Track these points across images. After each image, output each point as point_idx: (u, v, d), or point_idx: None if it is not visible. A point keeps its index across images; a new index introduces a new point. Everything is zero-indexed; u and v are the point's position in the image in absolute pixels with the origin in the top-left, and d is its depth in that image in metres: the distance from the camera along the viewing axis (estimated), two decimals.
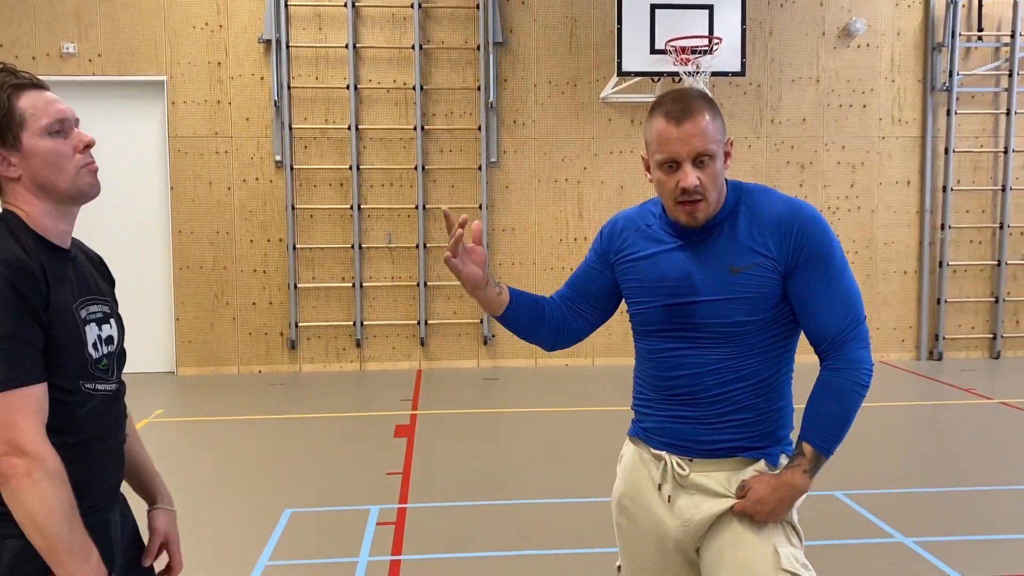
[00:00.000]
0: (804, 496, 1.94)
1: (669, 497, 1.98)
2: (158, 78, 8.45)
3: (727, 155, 1.93)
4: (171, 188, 8.53)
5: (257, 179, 8.61)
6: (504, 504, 4.75)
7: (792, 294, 1.92)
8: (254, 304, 8.68)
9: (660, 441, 2.02)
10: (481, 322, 8.83)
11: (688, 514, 1.96)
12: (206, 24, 8.47)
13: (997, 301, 9.16)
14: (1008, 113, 8.97)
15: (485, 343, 8.85)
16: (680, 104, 1.86)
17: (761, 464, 1.95)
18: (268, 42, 8.47)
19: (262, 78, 8.55)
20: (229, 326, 8.67)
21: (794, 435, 2.03)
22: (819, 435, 1.89)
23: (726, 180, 1.98)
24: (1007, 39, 8.96)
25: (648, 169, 1.97)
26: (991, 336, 9.22)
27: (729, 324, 1.91)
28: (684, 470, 1.97)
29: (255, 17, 8.50)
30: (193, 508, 4.69)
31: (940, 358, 9.13)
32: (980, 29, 8.97)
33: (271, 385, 8.14)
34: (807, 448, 1.89)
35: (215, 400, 7.61)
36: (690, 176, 1.85)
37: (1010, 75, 8.93)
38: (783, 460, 1.98)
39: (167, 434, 6.49)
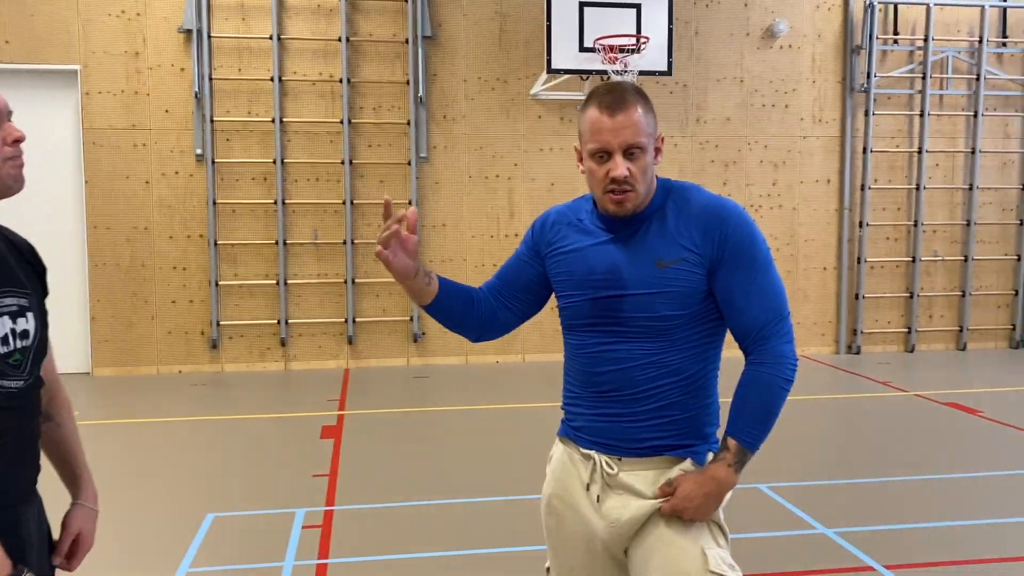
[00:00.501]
0: (731, 491, 1.94)
1: (598, 497, 1.97)
2: (71, 67, 8.11)
3: (658, 151, 1.96)
4: (86, 182, 8.20)
5: (177, 173, 8.35)
6: (434, 504, 4.70)
7: (717, 289, 1.93)
8: (174, 302, 8.41)
9: (589, 440, 2.01)
10: (411, 320, 8.74)
11: (615, 514, 1.95)
12: (122, 12, 8.16)
13: (912, 296, 9.49)
14: (922, 115, 9.29)
15: (415, 341, 8.77)
16: (614, 95, 1.88)
17: (687, 463, 1.96)
18: (188, 32, 8.20)
19: (182, 69, 8.28)
20: (148, 325, 8.39)
21: (721, 432, 2.04)
22: (744, 430, 1.90)
23: (656, 177, 1.98)
24: (921, 43, 9.27)
25: (580, 160, 1.98)
26: (906, 330, 9.55)
27: (656, 318, 1.91)
28: (613, 469, 1.96)
29: (175, 6, 8.23)
30: (111, 514, 4.50)
31: (858, 352, 9.42)
32: (896, 33, 9.27)
33: (192, 386, 7.90)
34: (732, 443, 1.90)
35: (133, 401, 7.36)
36: (620, 166, 1.87)
37: (923, 78, 9.25)
38: (710, 458, 1.98)
39: (83, 437, 6.22)
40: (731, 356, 2.03)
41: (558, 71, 8.09)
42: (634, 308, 1.92)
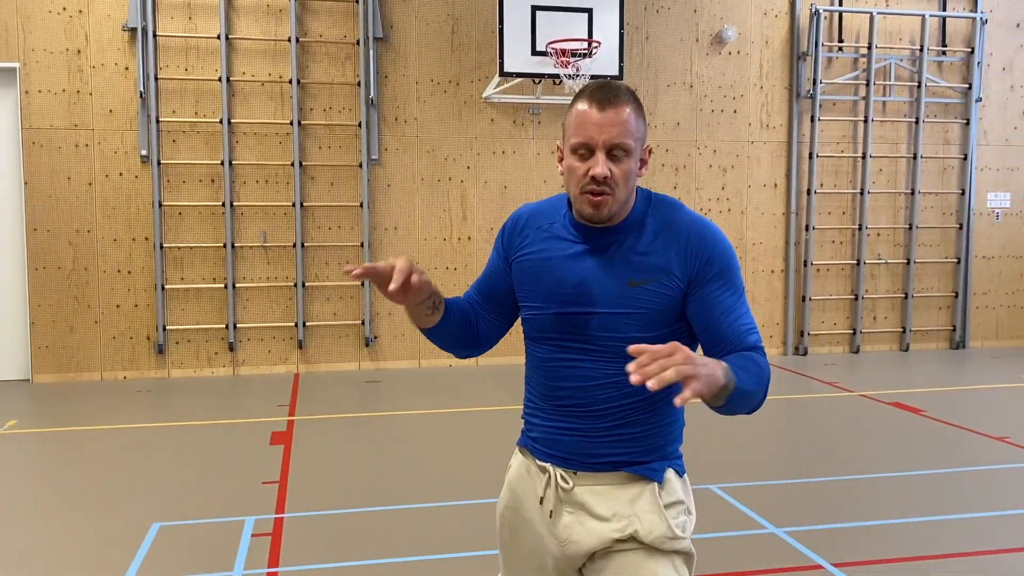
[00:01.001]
0: (667, 497, 1.88)
1: (551, 513, 1.91)
2: (9, 65, 7.88)
3: (643, 162, 1.85)
4: (25, 183, 7.97)
5: (121, 174, 8.15)
6: (387, 510, 4.65)
7: (694, 310, 1.83)
8: (118, 306, 8.21)
9: (545, 452, 1.94)
10: (363, 323, 8.65)
11: (567, 534, 1.88)
12: (64, 9, 7.96)
13: (857, 298, 9.69)
14: (866, 121, 9.50)
15: (367, 345, 8.68)
16: (606, 90, 1.79)
17: (644, 483, 1.88)
18: (133, 30, 8.03)
19: (126, 68, 8.10)
20: (91, 330, 8.17)
21: (684, 448, 2.01)
22: (737, 367, 1.67)
23: (638, 187, 1.89)
24: (864, 50, 9.48)
25: (561, 160, 1.87)
26: (851, 332, 9.75)
27: (623, 339, 1.80)
28: (568, 484, 1.89)
29: (119, 3, 8.05)
30: (51, 525, 4.38)
31: (805, 353, 9.59)
32: (840, 40, 9.47)
33: (137, 392, 7.72)
34: (724, 363, 1.66)
35: (75, 409, 7.16)
36: (601, 164, 1.76)
37: (867, 85, 9.46)
38: (670, 475, 1.92)
39: (22, 446, 6.05)
40: None
41: (510, 74, 8.09)
42: (601, 327, 1.83)
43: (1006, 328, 10.20)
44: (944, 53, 9.68)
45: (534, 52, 8.10)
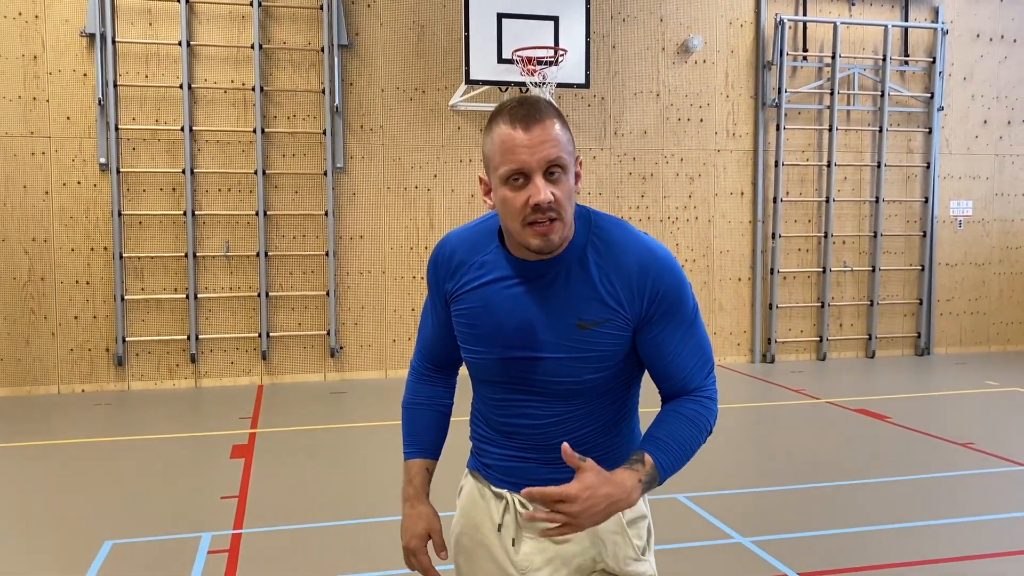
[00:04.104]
0: (630, 514, 1.80)
1: (513, 540, 1.83)
2: None
3: (578, 176, 1.68)
4: None
5: (79, 183, 7.98)
6: (349, 524, 4.55)
7: (644, 346, 1.72)
8: (76, 318, 8.03)
9: (500, 479, 1.84)
10: (328, 334, 8.54)
11: (528, 563, 1.81)
12: (19, 14, 7.79)
13: (823, 306, 9.74)
14: (830, 129, 9.57)
15: (332, 355, 8.56)
16: (527, 108, 1.60)
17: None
18: (92, 36, 7.87)
19: (85, 74, 7.94)
20: (47, 342, 7.98)
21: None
22: (664, 452, 1.64)
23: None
24: (829, 60, 9.56)
25: (487, 193, 1.68)
26: (818, 339, 9.79)
27: (575, 382, 1.71)
28: (528, 507, 1.80)
29: (77, 8, 7.89)
30: (0, 543, 4.23)
31: (773, 360, 9.61)
32: (805, 49, 9.54)
33: (95, 405, 7.54)
34: (649, 460, 1.62)
35: (31, 423, 6.96)
36: (543, 189, 1.56)
37: (832, 94, 9.53)
38: None
39: None
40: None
41: (476, 82, 8.05)
42: (550, 372, 1.70)
43: (969, 334, 10.30)
44: (907, 63, 9.79)
45: (500, 60, 8.06)
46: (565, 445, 1.52)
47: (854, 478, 5.31)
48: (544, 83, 8.00)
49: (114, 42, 7.93)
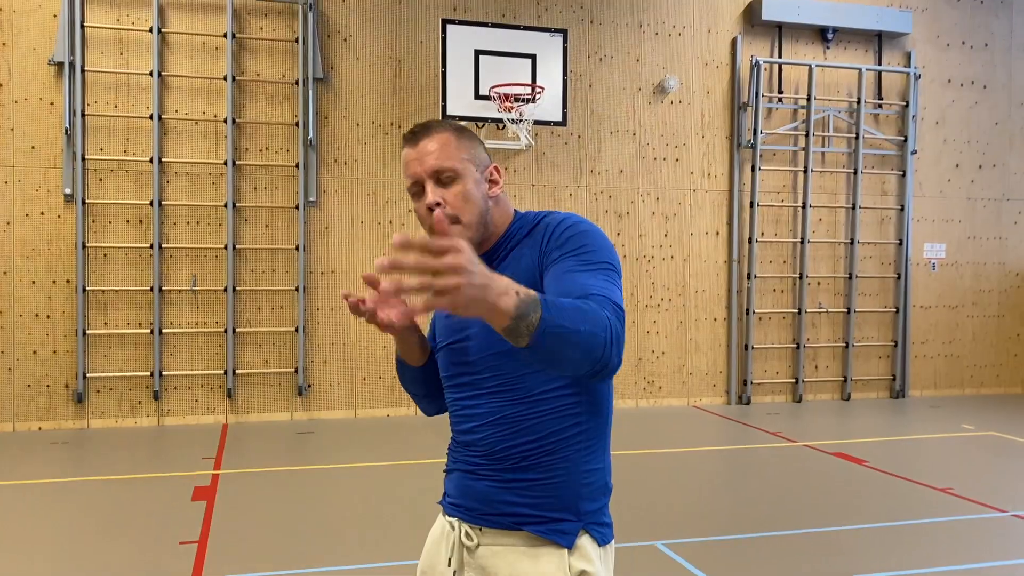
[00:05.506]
0: (576, 567, 1.69)
1: (454, 574, 1.78)
2: None
3: (492, 182, 1.79)
4: None
5: (43, 213, 7.77)
6: (315, 573, 4.34)
7: (545, 285, 1.66)
8: (35, 352, 7.76)
9: (453, 505, 1.84)
10: (296, 371, 8.32)
11: None
12: None
13: (798, 347, 9.69)
14: (805, 171, 9.60)
15: (300, 394, 8.34)
16: (418, 127, 1.77)
17: (551, 548, 1.69)
18: (60, 64, 7.72)
19: (52, 103, 7.77)
20: (4, 377, 7.70)
21: (624, 503, 1.85)
22: (548, 300, 1.39)
23: (516, 211, 1.85)
24: (804, 102, 9.62)
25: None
26: (793, 380, 9.72)
27: (499, 354, 1.69)
28: (472, 540, 1.76)
29: (45, 36, 7.74)
30: None
31: (748, 402, 9.52)
32: (780, 91, 9.59)
33: (52, 444, 7.26)
34: (531, 290, 1.39)
35: None
36: (431, 194, 1.70)
37: (807, 135, 9.58)
38: (583, 541, 1.72)
39: None
40: (623, 407, 1.85)
41: (453, 118, 7.98)
42: (478, 350, 1.75)
43: (943, 377, 10.30)
44: (880, 106, 9.88)
45: (477, 96, 8.02)
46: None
47: (833, 524, 5.19)
48: (521, 119, 7.96)
49: (83, 71, 7.78)
